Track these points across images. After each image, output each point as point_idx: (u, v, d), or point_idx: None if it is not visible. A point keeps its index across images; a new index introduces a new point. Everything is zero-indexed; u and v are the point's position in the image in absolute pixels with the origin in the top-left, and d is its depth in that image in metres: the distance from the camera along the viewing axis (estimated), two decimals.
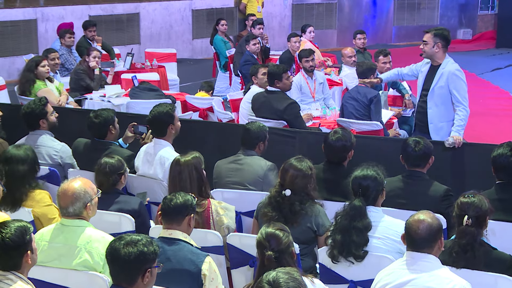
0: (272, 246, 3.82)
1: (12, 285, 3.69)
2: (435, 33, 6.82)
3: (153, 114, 6.06)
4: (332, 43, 18.82)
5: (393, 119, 8.66)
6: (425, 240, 3.96)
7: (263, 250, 3.84)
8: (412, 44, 19.28)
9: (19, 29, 13.82)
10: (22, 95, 8.71)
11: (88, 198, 4.44)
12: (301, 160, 4.99)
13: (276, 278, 3.14)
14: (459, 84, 6.77)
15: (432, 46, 6.82)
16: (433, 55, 6.87)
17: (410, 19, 20.10)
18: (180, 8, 16.44)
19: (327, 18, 18.97)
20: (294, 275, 3.17)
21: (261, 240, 3.87)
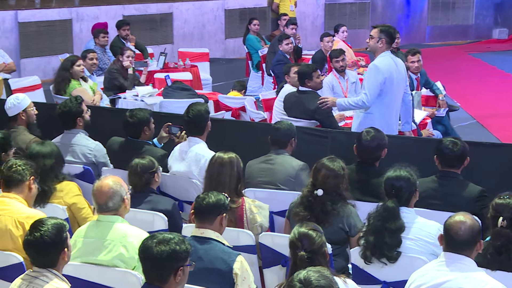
0: (305, 246, 3.82)
1: (48, 282, 3.73)
2: (381, 29, 7.00)
3: (193, 113, 6.09)
4: (365, 42, 18.51)
5: (427, 119, 8.59)
6: (466, 242, 3.91)
7: (295, 250, 3.83)
8: (446, 44, 19.14)
9: (55, 29, 13.97)
10: (57, 94, 8.80)
11: (124, 192, 4.51)
12: (333, 160, 4.97)
13: (307, 276, 3.14)
14: (369, 75, 6.92)
15: (376, 41, 6.98)
16: (376, 49, 7.00)
17: (444, 19, 19.91)
18: (213, 7, 16.49)
19: (360, 18, 18.88)
20: (325, 273, 3.18)
21: (294, 240, 3.86)
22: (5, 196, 4.63)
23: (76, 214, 5.28)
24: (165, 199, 5.40)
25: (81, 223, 5.09)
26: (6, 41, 13.24)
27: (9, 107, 6.67)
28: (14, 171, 4.68)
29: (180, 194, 5.97)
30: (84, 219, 5.19)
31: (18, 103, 6.67)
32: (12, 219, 4.50)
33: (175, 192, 6.00)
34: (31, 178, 4.72)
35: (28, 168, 4.74)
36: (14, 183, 4.67)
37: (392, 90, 6.90)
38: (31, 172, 4.74)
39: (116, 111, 7.85)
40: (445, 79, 11.46)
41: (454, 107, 9.96)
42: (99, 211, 4.48)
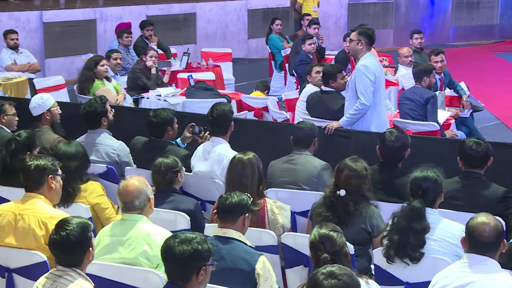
0: (326, 247, 3.81)
1: (73, 281, 3.75)
2: (360, 32, 7.05)
3: (218, 113, 6.10)
4: (388, 42, 18.65)
5: (450, 120, 8.54)
6: (490, 243, 3.88)
7: (317, 252, 3.83)
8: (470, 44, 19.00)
9: (79, 29, 14.07)
10: (81, 93, 8.86)
11: (149, 192, 4.54)
12: (356, 160, 4.96)
13: (331, 269, 3.19)
14: (361, 78, 6.89)
15: (356, 43, 7.01)
16: (356, 52, 7.04)
17: (468, 19, 19.77)
18: (236, 8, 16.51)
19: (383, 18, 18.81)
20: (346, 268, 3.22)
21: (315, 242, 3.86)
22: (28, 196, 4.64)
23: (99, 214, 5.30)
24: (188, 199, 5.41)
25: (104, 223, 5.11)
26: (31, 41, 13.36)
27: (34, 106, 6.72)
28: (32, 172, 4.64)
29: (203, 194, 5.99)
30: (108, 219, 5.22)
31: (43, 103, 6.72)
32: (36, 218, 4.52)
33: (198, 192, 6.02)
34: (49, 177, 4.69)
35: (47, 166, 4.69)
36: (34, 185, 4.66)
37: (380, 88, 7.04)
38: (49, 170, 4.69)
39: (139, 111, 7.89)
40: (469, 79, 11.39)
41: (478, 108, 9.88)
42: (124, 210, 4.50)
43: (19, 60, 11.15)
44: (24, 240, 4.50)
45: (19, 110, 6.91)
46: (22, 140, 5.68)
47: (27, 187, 4.68)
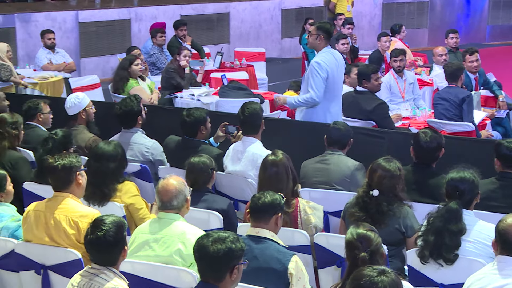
0: (364, 247, 3.81)
1: (108, 280, 3.78)
2: (318, 26, 7.19)
3: (249, 111, 6.11)
4: (423, 42, 18.52)
5: (486, 120, 8.45)
6: None
7: (354, 251, 3.82)
8: (507, 44, 18.76)
9: (114, 29, 14.19)
10: (115, 93, 8.94)
11: (187, 192, 4.58)
12: (389, 161, 4.93)
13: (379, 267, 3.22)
14: (312, 73, 7.09)
15: (315, 38, 7.16)
16: (316, 46, 7.21)
17: (505, 18, 19.52)
18: (270, 7, 16.51)
19: (418, 17, 18.67)
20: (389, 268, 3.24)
21: (352, 241, 3.85)
22: (58, 195, 4.66)
23: (133, 214, 5.33)
24: (221, 198, 5.43)
25: (138, 223, 5.13)
26: (67, 41, 13.50)
27: (70, 106, 6.77)
28: (60, 173, 4.64)
29: (236, 193, 6.00)
30: (142, 219, 5.24)
31: (79, 102, 6.77)
32: (66, 218, 4.55)
33: (231, 191, 6.03)
34: (77, 174, 4.70)
35: (73, 164, 4.67)
36: (63, 184, 4.67)
37: (333, 84, 7.18)
38: (75, 168, 4.68)
39: (173, 110, 7.92)
40: (506, 79, 11.25)
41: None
42: (162, 208, 4.53)
43: (55, 59, 11.28)
44: (56, 239, 4.54)
45: (55, 109, 6.99)
46: (59, 139, 5.74)
47: (56, 187, 4.69)
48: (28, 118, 6.73)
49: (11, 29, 12.92)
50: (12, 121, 6.12)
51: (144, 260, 4.39)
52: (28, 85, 10.13)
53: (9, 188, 4.94)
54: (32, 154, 6.34)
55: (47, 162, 4.75)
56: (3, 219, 4.78)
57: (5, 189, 4.89)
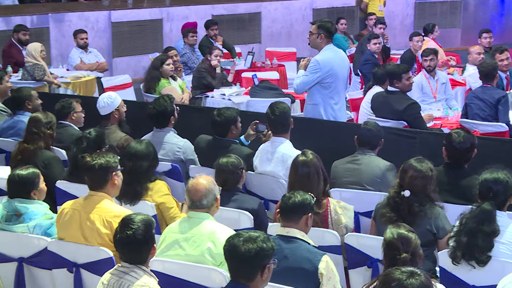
0: (404, 248, 3.81)
1: (138, 278, 3.80)
2: (319, 25, 7.25)
3: (279, 111, 6.10)
4: (455, 42, 18.34)
5: None
6: None
7: (394, 251, 3.82)
8: None
9: (146, 29, 14.28)
10: (147, 92, 8.99)
11: (217, 192, 4.59)
12: (421, 161, 4.90)
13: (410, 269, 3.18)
14: (310, 68, 7.21)
15: (316, 37, 7.24)
16: (317, 45, 7.28)
17: None
18: (301, 7, 16.48)
19: (451, 17, 18.50)
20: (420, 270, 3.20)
21: (393, 241, 3.85)
22: (93, 195, 4.70)
23: (164, 213, 5.35)
24: (252, 198, 5.43)
25: (169, 222, 5.15)
26: (99, 40, 13.61)
27: (103, 106, 6.79)
28: (97, 172, 4.67)
29: (266, 193, 6.00)
30: (172, 218, 5.25)
31: (112, 102, 6.81)
32: (100, 217, 4.58)
33: (261, 191, 6.03)
34: (113, 174, 4.73)
35: (110, 164, 4.70)
36: (99, 184, 4.70)
37: (335, 81, 7.23)
38: (112, 168, 4.71)
39: (204, 110, 7.95)
40: None
41: None
42: (192, 207, 4.54)
43: (87, 59, 11.38)
44: (89, 238, 4.58)
45: (87, 108, 7.03)
46: (93, 138, 5.78)
47: (92, 186, 4.72)
48: (61, 117, 6.78)
49: (45, 29, 13.06)
50: (46, 121, 6.17)
51: (174, 259, 4.41)
52: (61, 85, 10.24)
53: (42, 186, 4.99)
54: (64, 153, 6.40)
55: (84, 161, 4.77)
56: (36, 217, 4.83)
57: (38, 187, 4.94)
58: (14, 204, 4.83)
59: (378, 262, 4.68)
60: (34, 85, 9.51)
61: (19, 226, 4.80)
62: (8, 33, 11.86)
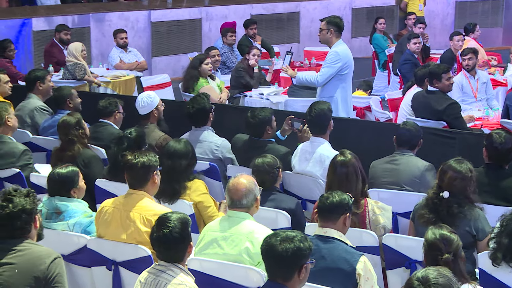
0: (446, 248, 3.80)
1: (175, 276, 3.82)
2: (328, 21, 7.51)
3: (316, 112, 6.09)
4: (497, 41, 18.10)
5: None
6: None
7: (436, 252, 3.81)
8: None
9: (185, 28, 14.36)
10: (185, 91, 9.03)
11: (257, 192, 4.58)
12: (460, 162, 4.85)
13: (425, 274, 3.14)
14: (329, 59, 7.51)
15: (326, 32, 7.49)
16: (327, 40, 7.56)
17: None
18: (340, 6, 16.42)
19: (492, 16, 18.26)
20: (444, 272, 3.16)
21: (437, 242, 3.84)
22: (132, 193, 4.73)
23: (202, 212, 5.37)
24: (289, 198, 5.43)
25: (207, 221, 5.17)
26: (139, 40, 13.72)
27: (143, 105, 6.82)
28: (139, 171, 4.69)
29: (304, 193, 5.99)
30: (210, 217, 5.27)
31: (151, 101, 6.84)
32: (140, 216, 4.61)
33: (299, 191, 6.03)
34: (154, 173, 4.76)
35: (152, 164, 4.72)
36: (139, 182, 4.73)
37: (350, 75, 7.58)
38: (153, 167, 4.74)
39: (242, 109, 7.96)
40: None
41: None
42: (231, 206, 4.55)
43: (127, 58, 11.48)
44: (129, 236, 4.61)
45: (127, 107, 7.08)
46: (133, 138, 5.82)
47: (132, 184, 4.75)
48: (104, 115, 6.82)
49: (86, 29, 13.21)
50: (75, 122, 6.14)
51: (212, 258, 4.42)
52: (101, 84, 10.34)
53: (81, 184, 5.05)
54: (104, 152, 6.46)
55: (125, 159, 4.79)
56: (76, 215, 4.88)
57: (77, 185, 5.00)
58: (55, 202, 4.89)
59: (417, 263, 4.64)
60: (74, 84, 9.62)
61: (59, 223, 4.86)
62: (50, 33, 12.02)
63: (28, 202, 3.92)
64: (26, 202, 3.91)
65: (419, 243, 4.38)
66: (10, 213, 3.86)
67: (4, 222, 3.87)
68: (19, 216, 3.88)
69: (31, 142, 6.94)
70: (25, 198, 3.91)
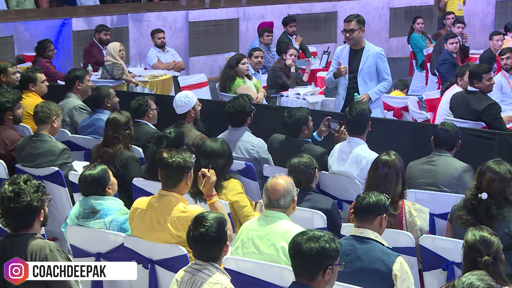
0: (486, 250, 3.78)
1: (211, 275, 3.84)
2: (358, 20, 7.62)
3: (357, 112, 6.06)
4: None
5: None
6: None
7: (476, 253, 3.79)
8: None
9: (222, 28, 14.40)
10: (222, 91, 9.06)
11: (295, 193, 4.58)
12: (499, 163, 4.79)
13: (471, 283, 3.09)
14: (385, 63, 7.70)
15: (358, 32, 7.58)
16: (359, 39, 7.65)
17: None
18: (378, 6, 16.34)
19: None
20: (489, 281, 3.10)
21: (477, 244, 3.81)
22: (164, 194, 4.71)
23: (238, 211, 5.37)
24: (325, 198, 5.42)
25: (243, 221, 5.17)
26: (177, 40, 13.80)
27: (180, 105, 6.85)
28: (174, 171, 4.66)
29: (340, 193, 5.97)
30: (246, 217, 5.27)
31: (189, 101, 6.87)
32: (172, 218, 4.60)
33: (335, 191, 6.01)
34: (188, 174, 4.73)
35: (187, 165, 4.70)
36: (173, 182, 4.70)
37: None
38: (188, 168, 4.71)
39: (278, 109, 7.96)
40: None
41: None
42: (269, 206, 4.55)
43: (165, 58, 11.55)
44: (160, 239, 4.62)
45: (164, 106, 7.13)
46: (172, 138, 5.85)
47: (166, 184, 4.72)
48: (138, 115, 6.88)
49: (125, 29, 13.32)
50: (124, 122, 6.19)
51: (248, 257, 4.44)
52: (139, 83, 10.42)
53: (113, 179, 5.08)
54: (141, 151, 6.51)
55: (161, 156, 4.76)
56: (112, 213, 4.92)
57: (110, 181, 5.03)
58: (90, 202, 4.93)
59: (454, 264, 4.60)
60: (112, 84, 9.71)
61: (96, 222, 4.90)
62: (89, 33, 12.17)
63: (36, 199, 3.93)
64: (34, 198, 3.92)
65: (456, 245, 4.34)
66: (15, 208, 3.90)
67: (8, 213, 3.91)
68: (23, 212, 3.92)
69: (70, 141, 7.01)
70: (34, 194, 3.92)
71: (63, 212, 5.92)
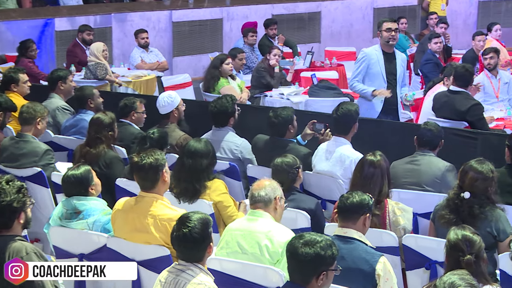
0: (469, 249, 3.79)
1: (194, 276, 3.83)
2: (395, 20, 7.78)
3: (343, 112, 6.07)
4: None
5: None
6: None
7: (458, 253, 3.80)
8: None
9: (206, 28, 14.39)
10: (206, 91, 9.06)
11: (278, 191, 4.60)
12: (482, 162, 4.82)
13: (453, 282, 3.11)
14: (406, 65, 7.90)
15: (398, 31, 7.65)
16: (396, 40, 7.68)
17: None
18: (362, 6, 16.37)
19: None
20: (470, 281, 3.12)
21: (459, 243, 3.82)
22: (145, 196, 4.67)
23: (221, 212, 5.37)
24: (309, 198, 5.43)
25: (227, 222, 5.18)
26: (160, 40, 13.77)
27: (163, 105, 6.85)
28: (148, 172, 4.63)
29: (323, 193, 5.98)
30: (229, 217, 5.28)
31: (172, 101, 6.86)
32: (154, 221, 4.57)
33: (319, 191, 6.01)
34: (163, 171, 4.68)
35: (159, 163, 4.65)
36: (150, 184, 4.66)
37: None
38: (162, 165, 4.66)
39: (261, 109, 7.97)
40: None
41: None
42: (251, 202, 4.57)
43: (148, 58, 11.52)
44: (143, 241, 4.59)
45: (148, 107, 7.10)
46: (156, 139, 5.84)
47: (144, 186, 4.68)
48: (122, 115, 6.87)
49: (108, 29, 13.27)
50: (108, 123, 6.17)
51: (232, 257, 4.44)
52: (122, 84, 10.39)
53: (96, 180, 5.06)
54: (125, 151, 6.49)
55: (133, 161, 4.75)
56: (95, 213, 4.90)
57: (93, 182, 5.01)
58: (73, 202, 4.91)
59: (437, 264, 4.62)
60: (96, 84, 9.67)
61: (79, 223, 4.87)
62: (72, 33, 12.10)
63: (17, 200, 3.87)
64: (15, 199, 3.86)
65: (439, 244, 4.36)
66: None
67: None
68: (3, 212, 3.86)
69: (53, 141, 6.98)
70: (15, 195, 3.87)
71: (45, 213, 5.89)
